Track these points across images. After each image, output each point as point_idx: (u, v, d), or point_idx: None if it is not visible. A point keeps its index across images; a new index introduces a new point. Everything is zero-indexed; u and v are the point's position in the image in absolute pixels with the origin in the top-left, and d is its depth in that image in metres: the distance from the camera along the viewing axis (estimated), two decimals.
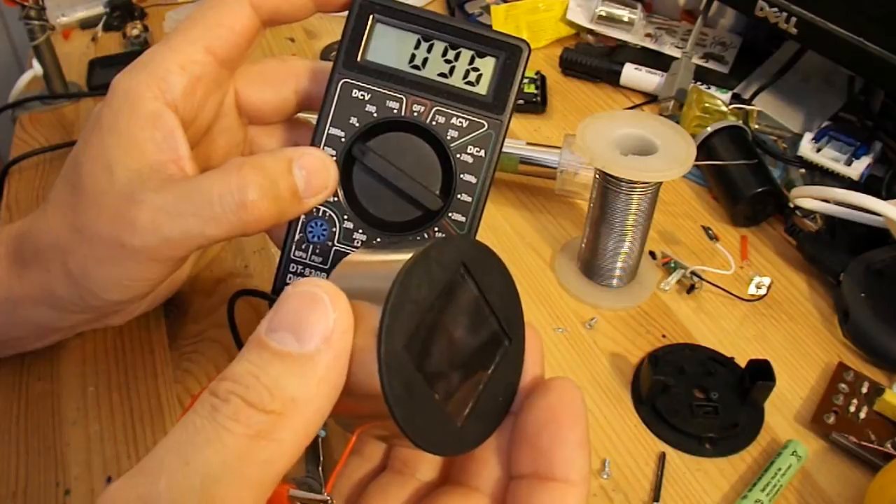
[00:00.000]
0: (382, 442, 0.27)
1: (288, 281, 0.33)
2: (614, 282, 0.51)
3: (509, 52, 0.32)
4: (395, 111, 0.32)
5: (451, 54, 0.32)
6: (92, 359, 0.45)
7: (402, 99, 0.32)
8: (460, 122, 0.32)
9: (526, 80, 0.69)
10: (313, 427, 0.21)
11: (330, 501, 0.24)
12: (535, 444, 0.23)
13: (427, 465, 0.26)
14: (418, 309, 0.22)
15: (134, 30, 0.81)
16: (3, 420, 0.43)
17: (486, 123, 0.32)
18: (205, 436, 0.19)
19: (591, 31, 0.78)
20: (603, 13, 0.76)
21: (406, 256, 0.22)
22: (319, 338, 0.21)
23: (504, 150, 0.57)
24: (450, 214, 0.32)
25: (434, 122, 0.32)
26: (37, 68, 0.70)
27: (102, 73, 0.75)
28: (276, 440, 0.20)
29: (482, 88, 0.32)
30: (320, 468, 0.34)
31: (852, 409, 0.43)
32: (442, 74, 0.32)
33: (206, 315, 0.48)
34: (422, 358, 0.22)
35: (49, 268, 0.35)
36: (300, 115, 0.39)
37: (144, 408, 0.43)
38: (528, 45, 0.32)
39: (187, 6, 0.88)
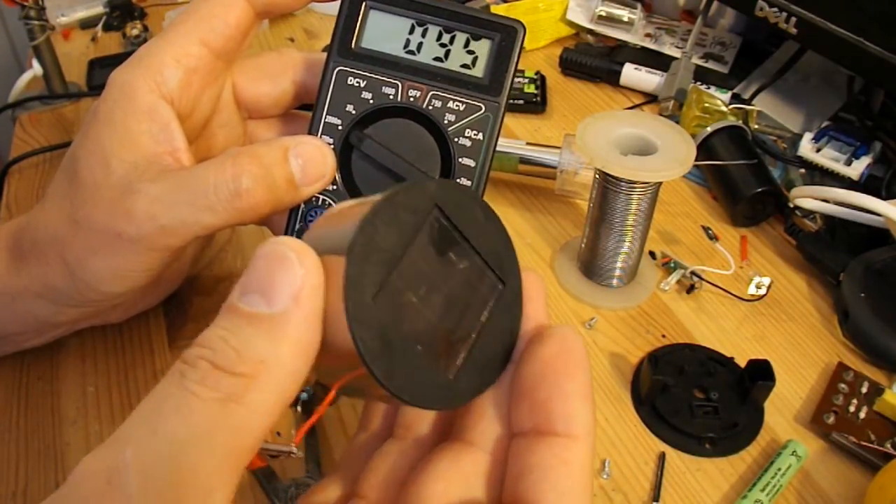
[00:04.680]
0: (376, 401, 0.27)
1: None
2: (614, 282, 0.51)
3: (504, 33, 0.32)
4: (392, 97, 0.32)
5: (445, 38, 0.32)
6: (92, 358, 0.45)
7: (397, 85, 0.32)
8: (457, 105, 0.32)
9: (526, 80, 0.69)
10: (288, 390, 0.20)
11: (294, 452, 0.24)
12: (533, 398, 0.22)
13: (427, 426, 0.25)
14: (388, 258, 0.21)
15: (134, 30, 0.81)
16: (3, 420, 0.43)
17: (483, 106, 0.32)
18: (173, 402, 0.19)
19: (590, 31, 0.78)
20: (603, 13, 0.76)
21: (372, 202, 0.21)
22: (288, 296, 0.20)
23: (504, 150, 0.57)
24: None
25: (431, 107, 0.32)
26: (37, 68, 0.70)
27: (102, 72, 0.75)
28: (246, 404, 0.19)
29: (478, 71, 0.32)
30: (293, 429, 0.33)
31: (852, 409, 0.43)
32: (437, 59, 0.32)
33: (206, 315, 0.48)
34: (399, 309, 0.21)
35: (47, 260, 0.35)
36: (300, 111, 0.39)
37: None
38: (522, 25, 0.32)
39: (187, 6, 0.88)
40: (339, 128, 0.32)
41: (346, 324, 0.20)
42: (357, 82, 0.32)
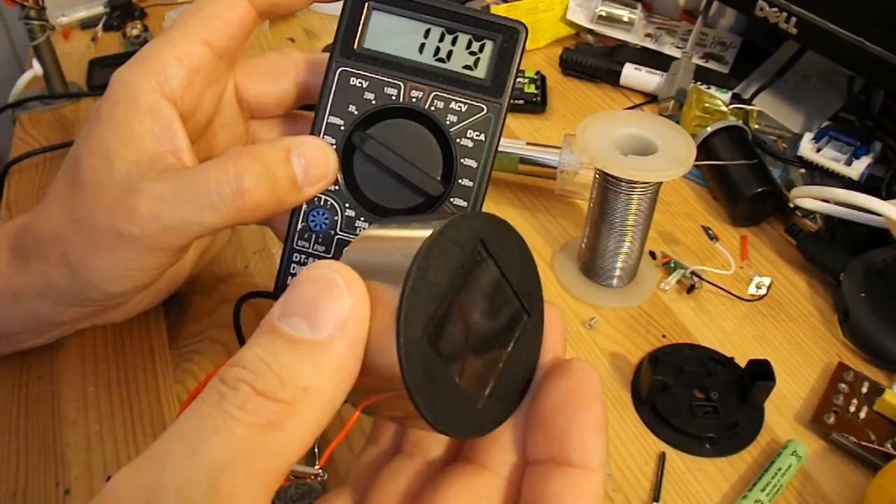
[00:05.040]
0: (392, 422, 0.27)
1: (292, 272, 0.33)
2: (614, 282, 0.51)
3: (507, 34, 0.32)
4: (394, 98, 0.32)
5: (448, 39, 0.32)
6: (92, 358, 0.45)
7: (400, 85, 0.32)
8: (459, 106, 0.32)
9: (526, 80, 0.69)
10: (325, 417, 0.20)
11: (322, 475, 0.24)
12: (550, 429, 0.23)
13: (438, 446, 0.26)
14: (436, 292, 0.21)
15: (134, 30, 0.81)
16: (3, 420, 0.43)
17: (485, 107, 0.32)
18: (212, 425, 0.19)
19: (591, 31, 0.78)
20: (603, 13, 0.76)
21: (421, 234, 0.21)
22: (334, 324, 0.20)
23: (504, 150, 0.58)
24: (451, 199, 0.32)
25: (433, 108, 0.32)
26: (37, 68, 0.70)
27: (102, 73, 0.75)
28: (285, 430, 0.19)
29: (480, 72, 0.32)
30: (316, 447, 0.33)
31: (852, 409, 0.43)
32: (440, 59, 0.32)
33: (206, 315, 0.48)
34: (441, 341, 0.21)
35: (49, 259, 0.35)
36: (302, 111, 0.39)
37: (144, 408, 0.43)
38: (525, 26, 0.32)
39: (187, 6, 0.88)
40: (342, 128, 0.32)
41: (387, 351, 0.20)
42: (359, 83, 0.32)
